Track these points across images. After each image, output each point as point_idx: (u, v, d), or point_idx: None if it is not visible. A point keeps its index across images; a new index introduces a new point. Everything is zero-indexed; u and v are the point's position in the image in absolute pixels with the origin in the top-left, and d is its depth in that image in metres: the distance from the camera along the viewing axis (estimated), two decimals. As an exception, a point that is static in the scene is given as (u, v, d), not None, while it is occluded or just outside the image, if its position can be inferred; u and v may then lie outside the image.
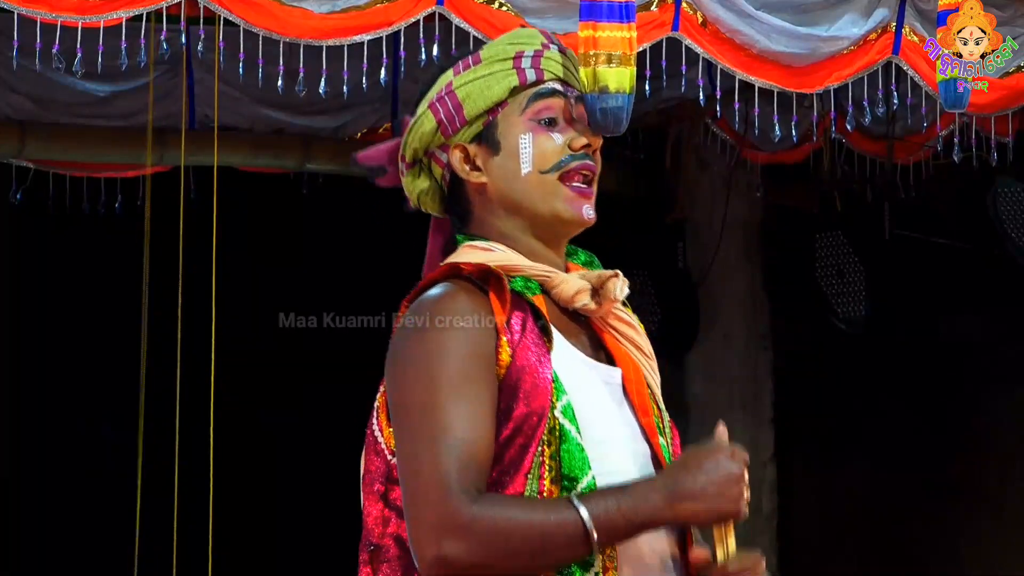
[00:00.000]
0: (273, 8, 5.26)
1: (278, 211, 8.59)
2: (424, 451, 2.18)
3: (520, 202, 2.39)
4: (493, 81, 2.39)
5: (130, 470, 7.55)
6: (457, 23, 5.33)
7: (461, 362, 2.21)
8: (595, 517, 2.16)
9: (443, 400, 2.19)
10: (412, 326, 2.26)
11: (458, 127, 2.39)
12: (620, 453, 2.32)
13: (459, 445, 2.17)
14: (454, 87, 2.39)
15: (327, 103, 6.69)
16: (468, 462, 2.17)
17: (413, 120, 2.43)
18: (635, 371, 2.40)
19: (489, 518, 2.14)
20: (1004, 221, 7.73)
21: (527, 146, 2.38)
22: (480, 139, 2.40)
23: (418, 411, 2.21)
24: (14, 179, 7.36)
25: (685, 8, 5.56)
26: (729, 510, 2.25)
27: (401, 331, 2.29)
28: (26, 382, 9.02)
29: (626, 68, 4.95)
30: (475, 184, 2.39)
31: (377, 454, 2.32)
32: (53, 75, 6.63)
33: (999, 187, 7.74)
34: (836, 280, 8.16)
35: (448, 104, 2.39)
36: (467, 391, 2.20)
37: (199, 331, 6.43)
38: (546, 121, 2.40)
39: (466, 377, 2.21)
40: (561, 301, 2.38)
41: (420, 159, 2.44)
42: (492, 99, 2.39)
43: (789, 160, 7.79)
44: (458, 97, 2.38)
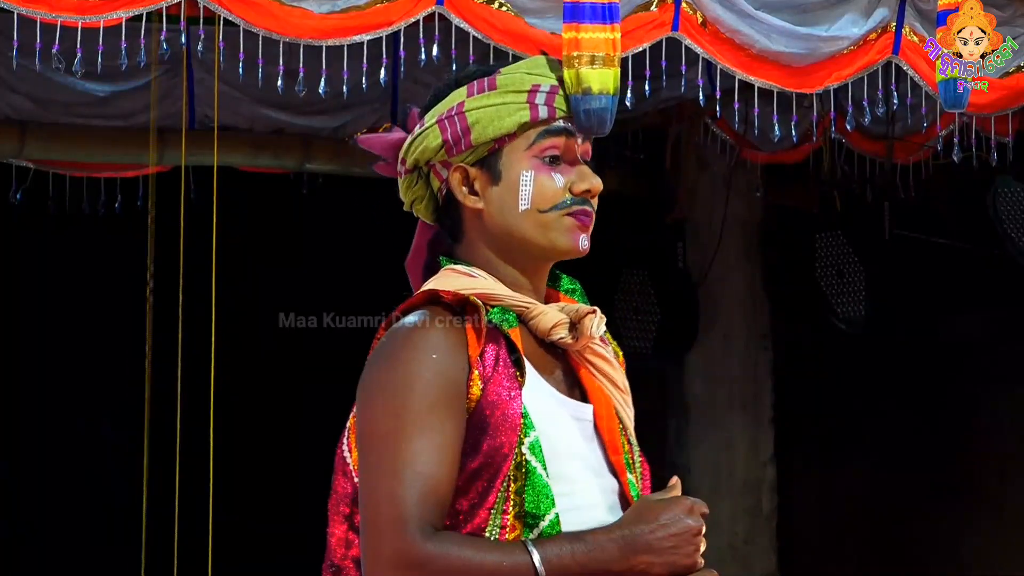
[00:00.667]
0: (273, 8, 5.25)
1: (278, 211, 8.59)
2: (384, 483, 2.18)
3: (514, 234, 2.37)
4: (505, 112, 2.38)
5: (130, 470, 7.55)
6: (457, 23, 5.33)
7: (429, 394, 2.21)
8: (547, 562, 2.16)
9: (408, 432, 2.19)
10: (385, 353, 2.26)
11: (463, 149, 2.37)
12: (586, 490, 2.32)
13: (420, 480, 2.18)
14: (465, 109, 2.37)
15: (327, 103, 6.69)
16: (427, 497, 2.18)
17: (420, 130, 2.40)
18: (607, 407, 2.39)
19: (443, 557, 2.15)
20: (1004, 221, 7.73)
21: (528, 184, 2.36)
22: (482, 164, 2.38)
23: (382, 441, 2.21)
24: (14, 179, 7.36)
25: (685, 8, 5.56)
26: (684, 564, 2.24)
27: (374, 356, 2.29)
28: (26, 381, 9.02)
29: (609, 69, 4.93)
30: (471, 208, 2.39)
31: (345, 475, 2.34)
32: (53, 75, 6.63)
33: (999, 187, 7.73)
34: (836, 280, 8.16)
35: (457, 125, 2.36)
36: (433, 424, 2.20)
37: (199, 331, 6.44)
38: (549, 159, 2.39)
39: (433, 409, 2.20)
40: (539, 333, 2.36)
41: (420, 167, 2.42)
42: (501, 130, 2.37)
43: (789, 160, 7.79)
44: (468, 120, 2.36)
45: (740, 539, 7.66)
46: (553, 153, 2.40)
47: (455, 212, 2.40)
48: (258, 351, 8.70)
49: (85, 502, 9.25)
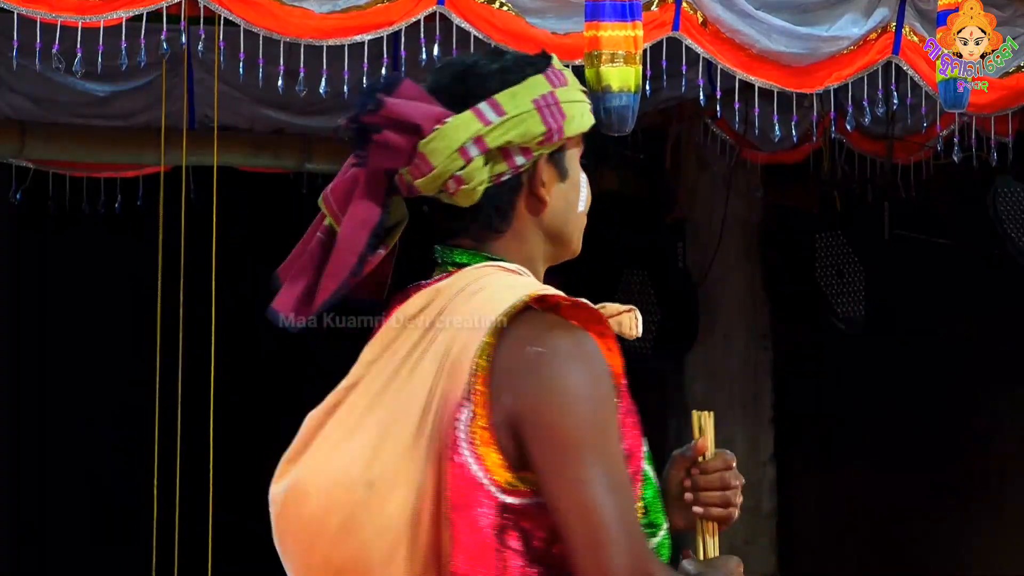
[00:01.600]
0: (273, 8, 5.25)
1: (278, 211, 8.59)
2: (607, 497, 2.05)
3: (563, 233, 2.28)
4: (585, 110, 2.30)
5: (130, 470, 7.55)
6: (458, 23, 5.33)
7: (614, 408, 2.13)
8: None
9: (613, 448, 2.10)
10: (574, 357, 2.10)
11: (553, 141, 2.24)
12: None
13: (631, 493, 2.12)
14: (560, 100, 2.25)
15: (327, 103, 6.68)
16: (636, 512, 2.13)
17: (512, 114, 2.21)
18: None
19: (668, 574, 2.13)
20: (1004, 221, 7.73)
21: (584, 184, 2.31)
22: (551, 160, 2.26)
23: (590, 452, 2.07)
24: (14, 179, 7.36)
25: (685, 8, 5.56)
26: None
27: (560, 360, 2.10)
28: (25, 381, 9.02)
29: (630, 67, 4.92)
30: (536, 201, 2.25)
31: (466, 480, 2.10)
32: (53, 75, 6.62)
33: (999, 187, 7.74)
34: (836, 280, 8.16)
35: (556, 116, 2.22)
36: (618, 439, 2.13)
37: (199, 331, 6.43)
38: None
39: (616, 424, 2.13)
40: (624, 332, 2.31)
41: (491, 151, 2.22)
42: (583, 127, 2.29)
43: (789, 160, 7.80)
44: (565, 113, 2.24)
45: (740, 539, 7.65)
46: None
47: (506, 203, 2.24)
48: (258, 351, 8.70)
49: (85, 502, 9.24)
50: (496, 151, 2.19)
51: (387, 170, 2.21)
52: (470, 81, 2.22)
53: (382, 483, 2.09)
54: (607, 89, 4.85)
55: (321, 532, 2.11)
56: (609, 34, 4.89)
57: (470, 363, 2.10)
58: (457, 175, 2.18)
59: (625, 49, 4.87)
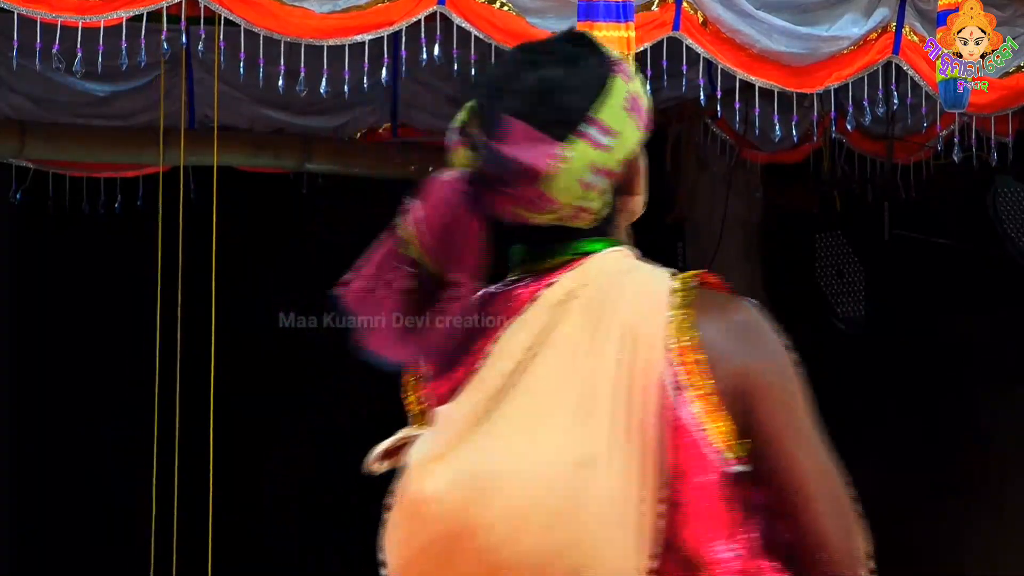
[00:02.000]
0: (274, 8, 5.26)
1: (278, 211, 8.59)
2: (838, 480, 2.13)
3: (637, 214, 2.30)
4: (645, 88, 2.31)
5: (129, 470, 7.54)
6: (458, 23, 5.33)
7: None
8: None
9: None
10: (767, 326, 2.19)
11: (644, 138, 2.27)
12: None
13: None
14: (637, 94, 2.23)
15: (327, 103, 6.69)
16: None
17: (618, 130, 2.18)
18: None
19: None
20: (1004, 221, 7.73)
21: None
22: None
23: (812, 428, 2.15)
24: (14, 179, 7.36)
25: (686, 8, 5.56)
26: None
27: (760, 328, 2.18)
28: (25, 381, 9.02)
29: (624, 68, 4.94)
30: (631, 194, 2.26)
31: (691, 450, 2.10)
32: (53, 75, 6.63)
33: (999, 187, 7.74)
34: (836, 280, 8.16)
35: (641, 112, 2.22)
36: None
37: (199, 331, 6.44)
38: None
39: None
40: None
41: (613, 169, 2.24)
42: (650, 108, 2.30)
43: (789, 160, 7.80)
44: (643, 105, 2.23)
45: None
46: None
47: (613, 203, 2.22)
48: (258, 351, 8.70)
49: (85, 502, 9.24)
50: (612, 171, 2.18)
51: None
52: (557, 101, 2.15)
53: (594, 462, 2.04)
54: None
55: (530, 519, 2.02)
56: (603, 35, 4.91)
57: (663, 338, 2.10)
58: (581, 206, 2.16)
59: (618, 50, 4.89)
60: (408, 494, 2.06)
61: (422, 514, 2.05)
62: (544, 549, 2.02)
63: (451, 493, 2.04)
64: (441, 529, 2.02)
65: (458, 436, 2.07)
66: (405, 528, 2.06)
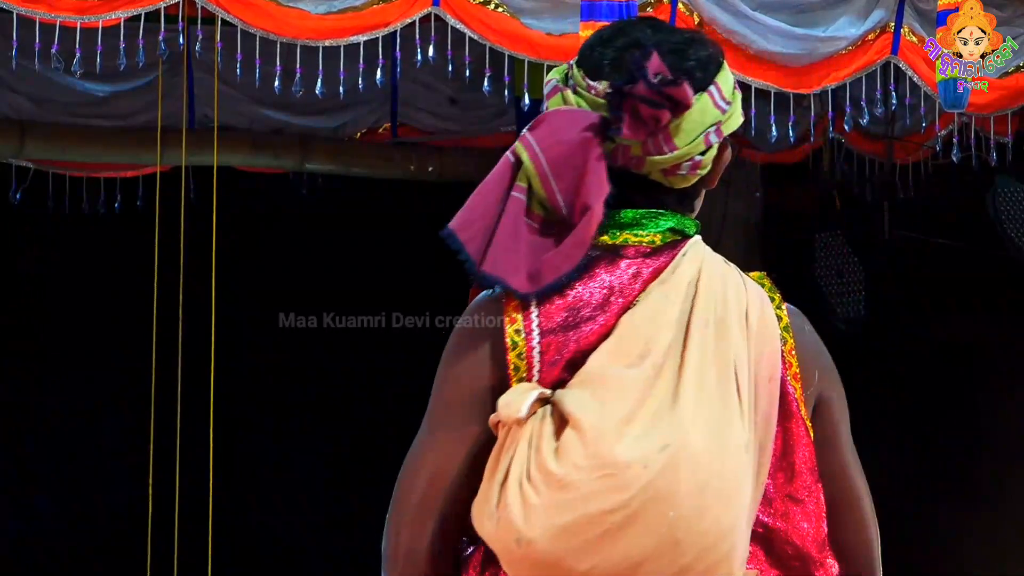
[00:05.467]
0: (270, 8, 5.27)
1: (278, 211, 8.60)
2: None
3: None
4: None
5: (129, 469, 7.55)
6: (453, 24, 5.34)
7: None
8: None
9: None
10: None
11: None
12: None
13: None
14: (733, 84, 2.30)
15: (327, 103, 6.70)
16: None
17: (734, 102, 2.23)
18: None
19: None
20: (1004, 221, 7.72)
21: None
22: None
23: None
24: (14, 179, 7.37)
25: (681, 9, 5.56)
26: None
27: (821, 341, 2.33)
28: (25, 381, 9.03)
29: (625, 68, 4.94)
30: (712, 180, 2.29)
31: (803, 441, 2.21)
32: (53, 75, 6.64)
33: (999, 187, 7.73)
34: (836, 280, 8.15)
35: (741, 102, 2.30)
36: None
37: (199, 331, 6.44)
38: None
39: None
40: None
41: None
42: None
43: (788, 160, 7.79)
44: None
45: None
46: None
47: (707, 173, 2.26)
48: (258, 351, 8.70)
49: (84, 502, 9.25)
50: (723, 137, 2.22)
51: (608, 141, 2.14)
52: (690, 60, 2.18)
53: (749, 448, 2.08)
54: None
55: (711, 496, 2.04)
56: (604, 35, 4.91)
57: (777, 335, 2.17)
58: (696, 159, 2.18)
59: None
60: (600, 455, 2.01)
61: (620, 477, 2.01)
62: (718, 528, 2.05)
63: (656, 460, 2.02)
64: (640, 495, 2.00)
65: (640, 404, 2.05)
66: (588, 488, 2.00)
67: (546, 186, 2.11)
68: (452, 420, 2.13)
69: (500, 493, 2.04)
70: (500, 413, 2.06)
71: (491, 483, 2.05)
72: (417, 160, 7.62)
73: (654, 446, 2.02)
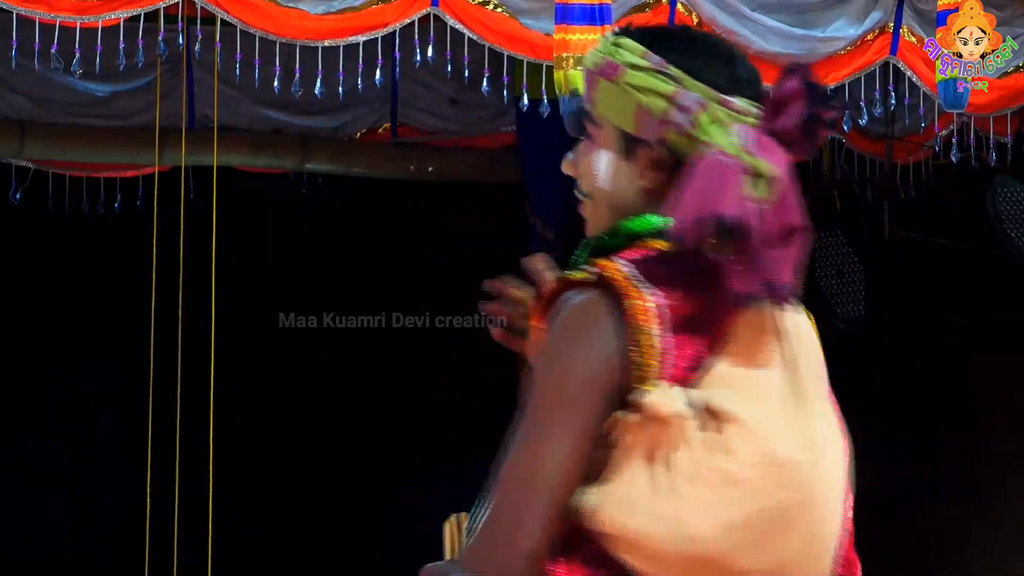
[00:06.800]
0: (270, 9, 5.28)
1: (278, 211, 8.60)
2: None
3: None
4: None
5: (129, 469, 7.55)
6: (452, 24, 5.35)
7: None
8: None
9: None
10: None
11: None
12: None
13: None
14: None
15: (326, 103, 6.71)
16: None
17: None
18: None
19: None
20: (1004, 221, 7.72)
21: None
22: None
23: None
24: (14, 179, 7.37)
25: (680, 9, 5.57)
26: None
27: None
28: (25, 381, 9.03)
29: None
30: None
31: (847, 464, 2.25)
32: (53, 75, 6.64)
33: (998, 187, 7.73)
34: (836, 280, 8.15)
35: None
36: None
37: (199, 331, 6.44)
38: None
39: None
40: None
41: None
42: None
43: (788, 160, 7.78)
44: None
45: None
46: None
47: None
48: (258, 351, 8.70)
49: (84, 502, 9.25)
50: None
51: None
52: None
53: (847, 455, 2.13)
54: (574, 92, 4.93)
55: (835, 500, 2.09)
56: (577, 37, 4.94)
57: (820, 351, 2.18)
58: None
59: (594, 53, 4.91)
60: (766, 452, 2.03)
61: (784, 474, 2.03)
62: (833, 532, 2.09)
63: (804, 461, 2.04)
64: (796, 494, 2.02)
65: (779, 404, 2.07)
66: (758, 484, 2.02)
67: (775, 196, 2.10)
68: (574, 417, 2.05)
69: (658, 490, 2.01)
70: (650, 411, 2.02)
71: (637, 481, 2.02)
72: (417, 160, 7.63)
73: (799, 446, 2.05)
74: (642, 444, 2.03)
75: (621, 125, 2.16)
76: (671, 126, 2.12)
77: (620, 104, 2.16)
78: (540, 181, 7.58)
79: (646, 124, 2.14)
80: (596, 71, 2.19)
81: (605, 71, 2.17)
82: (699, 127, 2.11)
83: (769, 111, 2.12)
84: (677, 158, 2.12)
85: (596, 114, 2.19)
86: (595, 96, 2.19)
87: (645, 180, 2.16)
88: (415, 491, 8.23)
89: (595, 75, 2.18)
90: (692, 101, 2.13)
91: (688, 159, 2.10)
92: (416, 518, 8.39)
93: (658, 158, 2.14)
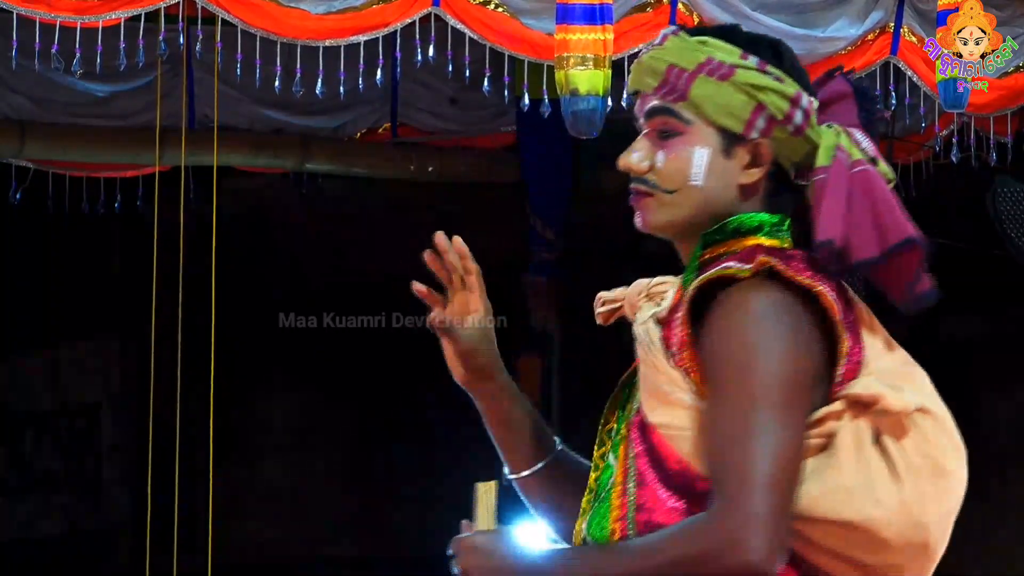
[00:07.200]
0: (270, 9, 5.28)
1: (278, 211, 8.60)
2: None
3: None
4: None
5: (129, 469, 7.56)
6: (453, 24, 5.35)
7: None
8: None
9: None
10: None
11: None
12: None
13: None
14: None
15: (327, 103, 6.71)
16: None
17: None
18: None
19: None
20: (1004, 221, 7.72)
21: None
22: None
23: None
24: (14, 179, 7.37)
25: (681, 9, 5.56)
26: None
27: None
28: (24, 381, 9.03)
29: (599, 71, 4.97)
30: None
31: None
32: (53, 75, 6.64)
33: (999, 187, 7.73)
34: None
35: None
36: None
37: (200, 330, 6.44)
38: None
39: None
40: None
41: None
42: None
43: (789, 160, 7.79)
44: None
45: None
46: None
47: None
48: (258, 351, 8.71)
49: (84, 502, 9.25)
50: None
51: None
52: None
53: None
54: (575, 92, 4.94)
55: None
56: (578, 37, 4.94)
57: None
58: None
59: (594, 52, 4.93)
60: (957, 441, 2.16)
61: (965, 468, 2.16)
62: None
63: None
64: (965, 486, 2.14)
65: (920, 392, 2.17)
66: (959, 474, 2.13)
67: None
68: (801, 408, 2.04)
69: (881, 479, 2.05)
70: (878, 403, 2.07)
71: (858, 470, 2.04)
72: (417, 160, 7.63)
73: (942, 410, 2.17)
74: (855, 434, 2.06)
75: (726, 123, 2.13)
76: (785, 125, 2.12)
77: (731, 102, 2.12)
78: (540, 181, 7.59)
79: (757, 123, 2.12)
80: (698, 70, 2.13)
81: (715, 70, 2.13)
82: (812, 127, 2.12)
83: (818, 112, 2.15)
84: (776, 157, 2.14)
85: (690, 112, 2.14)
86: (691, 93, 2.13)
87: (745, 178, 2.14)
88: (415, 491, 8.24)
89: (694, 74, 2.13)
90: (808, 102, 2.14)
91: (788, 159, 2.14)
92: (416, 518, 8.42)
93: (763, 155, 2.13)
